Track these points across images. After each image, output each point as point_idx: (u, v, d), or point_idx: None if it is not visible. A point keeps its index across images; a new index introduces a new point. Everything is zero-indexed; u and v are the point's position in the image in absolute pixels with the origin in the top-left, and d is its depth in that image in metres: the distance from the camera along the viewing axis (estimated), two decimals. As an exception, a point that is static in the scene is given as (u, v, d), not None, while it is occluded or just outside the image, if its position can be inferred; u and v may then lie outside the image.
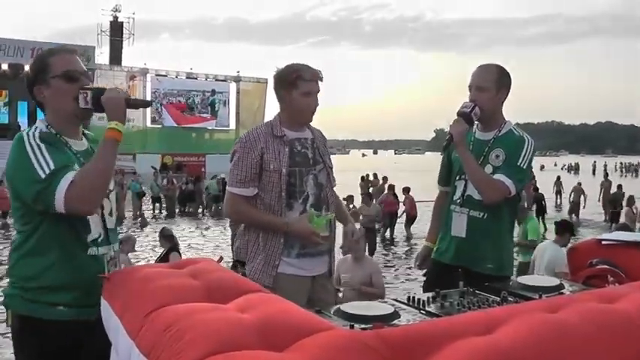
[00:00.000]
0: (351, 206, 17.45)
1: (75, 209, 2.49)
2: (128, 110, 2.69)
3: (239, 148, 3.59)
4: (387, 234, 19.62)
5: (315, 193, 3.60)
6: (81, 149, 2.76)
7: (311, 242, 3.45)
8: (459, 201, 3.77)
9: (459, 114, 3.64)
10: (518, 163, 3.61)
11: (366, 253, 10.47)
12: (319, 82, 3.62)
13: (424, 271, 4.15)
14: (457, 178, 3.82)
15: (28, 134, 2.62)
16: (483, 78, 3.71)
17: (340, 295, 7.25)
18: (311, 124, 3.75)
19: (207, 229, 21.47)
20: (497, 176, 3.57)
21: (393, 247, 18.37)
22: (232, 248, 12.49)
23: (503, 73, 3.75)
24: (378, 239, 17.75)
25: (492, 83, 3.68)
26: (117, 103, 2.62)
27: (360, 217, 14.95)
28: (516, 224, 6.81)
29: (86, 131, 2.93)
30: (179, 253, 9.64)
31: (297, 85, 3.54)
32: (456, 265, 3.42)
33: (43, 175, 2.46)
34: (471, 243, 3.69)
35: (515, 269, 7.55)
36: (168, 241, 9.90)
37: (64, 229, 2.61)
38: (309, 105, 3.60)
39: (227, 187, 3.73)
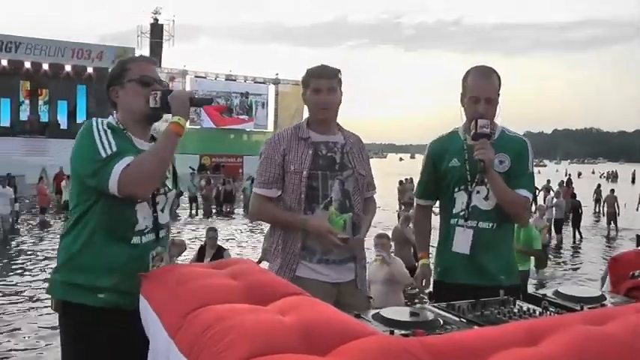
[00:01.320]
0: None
1: (127, 190, 2.61)
2: None
3: (264, 149, 3.64)
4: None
5: (340, 199, 3.52)
6: (143, 149, 2.85)
7: (327, 240, 3.36)
8: (462, 214, 3.52)
9: (483, 135, 3.34)
10: (529, 171, 3.55)
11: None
12: (332, 79, 3.58)
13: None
14: (455, 189, 3.56)
15: (97, 121, 2.80)
16: (492, 89, 3.48)
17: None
18: (351, 130, 3.73)
19: (243, 229, 21.56)
20: (520, 192, 3.45)
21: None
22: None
23: (499, 76, 3.55)
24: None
25: (497, 92, 3.51)
26: (182, 101, 2.80)
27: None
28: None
29: (155, 135, 3.04)
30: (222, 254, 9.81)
31: (309, 83, 3.58)
32: (463, 284, 3.35)
33: (104, 155, 2.62)
34: (478, 258, 3.48)
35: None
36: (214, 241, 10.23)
37: (112, 215, 2.73)
38: (319, 101, 3.55)
39: (252, 188, 3.77)
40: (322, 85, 3.55)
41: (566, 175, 48.31)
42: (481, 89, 3.45)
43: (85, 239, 2.74)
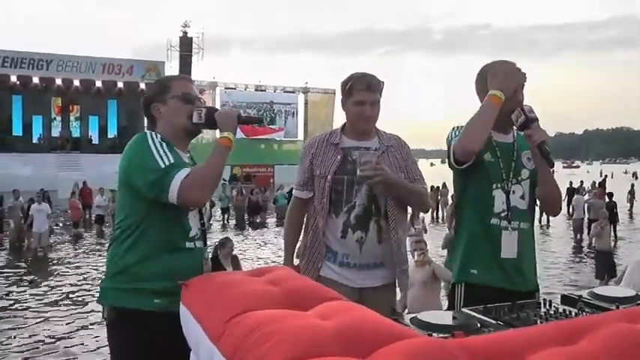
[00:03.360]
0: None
1: (189, 197, 2.75)
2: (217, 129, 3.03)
3: (301, 153, 3.82)
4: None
5: (365, 204, 3.55)
6: (186, 161, 3.01)
7: None
8: (504, 214, 3.33)
9: (536, 119, 3.18)
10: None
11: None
12: (377, 92, 3.59)
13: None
14: (493, 186, 3.35)
15: (151, 133, 2.94)
16: (525, 76, 3.35)
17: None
18: (390, 132, 3.75)
19: (274, 238, 21.57)
20: None
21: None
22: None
23: None
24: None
25: None
26: (229, 118, 2.95)
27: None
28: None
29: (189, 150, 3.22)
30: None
31: (352, 93, 3.58)
32: (501, 288, 3.17)
33: (162, 165, 2.77)
34: (521, 261, 3.34)
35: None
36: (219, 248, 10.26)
37: (168, 225, 2.88)
38: (362, 114, 3.57)
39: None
40: (366, 97, 3.57)
41: (601, 176, 47.85)
42: (520, 76, 3.33)
43: (143, 248, 2.86)
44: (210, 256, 3.09)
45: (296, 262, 3.82)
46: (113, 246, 2.96)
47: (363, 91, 3.56)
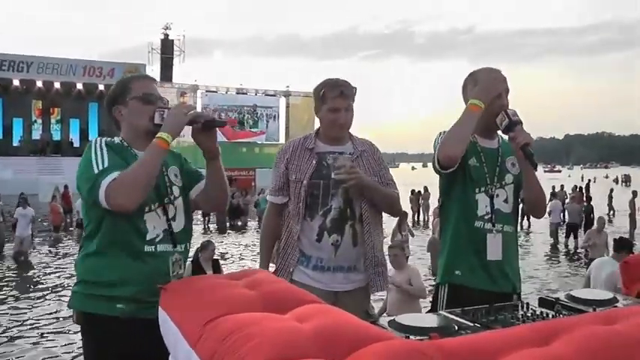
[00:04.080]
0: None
1: (114, 202, 2.65)
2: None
3: (275, 158, 3.81)
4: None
5: (341, 207, 3.58)
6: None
7: None
8: (488, 217, 3.39)
9: (518, 122, 3.23)
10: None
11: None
12: (350, 98, 3.62)
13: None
14: (476, 190, 3.41)
15: (96, 140, 2.89)
16: (507, 82, 3.41)
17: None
18: (363, 137, 3.78)
19: (255, 242, 21.54)
20: None
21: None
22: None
23: None
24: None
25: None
26: (175, 118, 2.80)
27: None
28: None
29: None
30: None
31: (326, 100, 3.61)
32: (483, 290, 3.27)
33: (96, 171, 2.69)
34: (506, 264, 3.41)
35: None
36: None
37: (122, 229, 2.78)
38: (336, 120, 3.61)
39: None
40: (340, 104, 3.60)
41: (582, 180, 48.15)
42: (501, 82, 3.38)
43: (99, 253, 2.81)
44: (182, 258, 3.01)
45: (272, 268, 3.81)
46: (81, 252, 2.95)
47: (336, 98, 3.59)
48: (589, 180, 48.10)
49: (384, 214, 3.81)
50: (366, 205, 3.61)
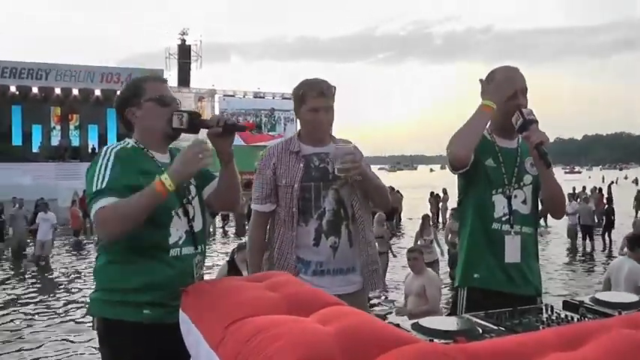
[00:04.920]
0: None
1: (101, 230, 2.68)
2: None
3: (258, 165, 3.71)
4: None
5: (334, 209, 3.55)
6: (166, 162, 2.92)
7: None
8: (505, 219, 3.35)
9: (535, 122, 3.19)
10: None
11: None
12: (330, 98, 3.58)
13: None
14: (492, 192, 3.37)
15: (106, 148, 2.85)
16: (524, 80, 3.38)
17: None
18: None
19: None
20: None
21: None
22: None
23: None
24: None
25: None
26: (188, 167, 2.68)
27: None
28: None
29: (172, 147, 3.08)
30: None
31: (305, 100, 3.58)
32: (503, 292, 3.21)
33: (94, 189, 2.68)
34: (525, 266, 3.37)
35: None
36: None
37: (142, 234, 2.72)
38: (316, 121, 3.59)
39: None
40: (320, 104, 3.57)
41: (603, 182, 47.69)
42: (516, 81, 3.35)
43: (124, 259, 2.77)
44: (203, 259, 3.00)
45: None
46: (99, 259, 2.91)
47: (316, 98, 3.56)
48: (612, 181, 47.49)
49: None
50: (357, 204, 3.59)
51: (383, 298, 12.48)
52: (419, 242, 13.38)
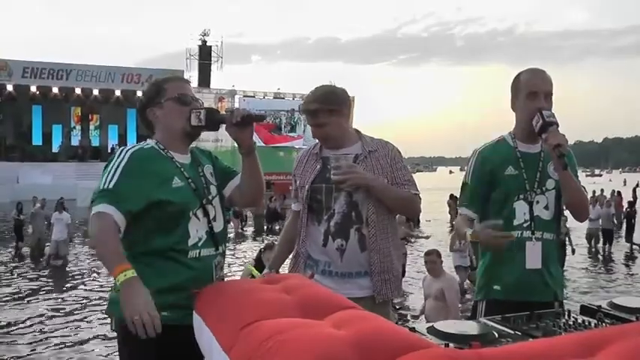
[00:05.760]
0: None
1: (89, 230, 2.70)
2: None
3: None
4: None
5: (344, 211, 3.51)
6: (185, 162, 2.94)
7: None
8: (526, 225, 3.32)
9: (552, 123, 3.15)
10: (578, 176, 3.40)
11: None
12: (317, 116, 3.59)
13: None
14: (514, 199, 3.35)
15: (122, 149, 2.85)
16: (550, 83, 3.33)
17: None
18: (378, 137, 3.72)
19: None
20: None
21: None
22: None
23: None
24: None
25: (552, 91, 3.36)
26: (134, 308, 2.43)
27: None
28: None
29: (193, 147, 3.09)
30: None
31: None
32: (523, 302, 3.03)
33: (101, 187, 2.68)
34: (545, 273, 3.33)
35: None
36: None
37: (161, 236, 2.75)
38: (315, 136, 3.68)
39: None
40: (310, 122, 3.65)
41: (625, 185, 47.19)
42: (539, 84, 3.31)
43: (143, 261, 2.73)
44: (223, 260, 2.99)
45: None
46: None
47: (308, 117, 3.67)
48: (637, 184, 46.81)
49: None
50: (372, 209, 3.51)
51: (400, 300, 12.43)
52: (455, 247, 13.27)
